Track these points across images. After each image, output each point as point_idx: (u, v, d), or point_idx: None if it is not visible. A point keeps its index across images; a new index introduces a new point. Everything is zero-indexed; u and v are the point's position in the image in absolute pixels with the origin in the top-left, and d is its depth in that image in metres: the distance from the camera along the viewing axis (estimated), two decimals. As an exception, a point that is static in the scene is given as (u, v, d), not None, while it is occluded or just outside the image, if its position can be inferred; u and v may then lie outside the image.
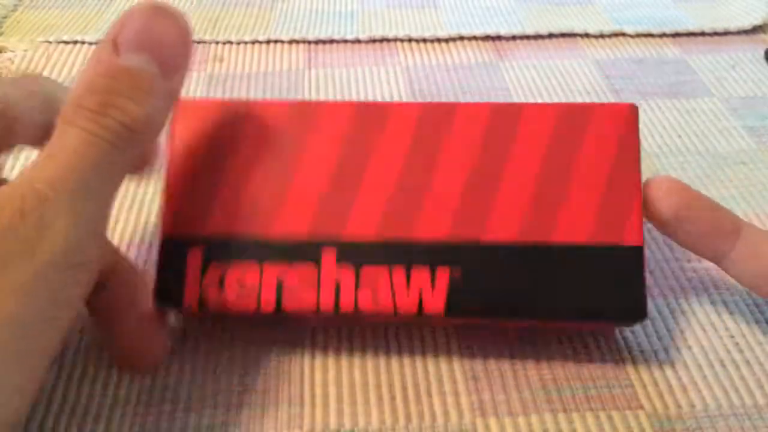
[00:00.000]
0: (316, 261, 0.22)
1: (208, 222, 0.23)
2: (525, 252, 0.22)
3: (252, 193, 0.23)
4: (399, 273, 0.22)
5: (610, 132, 0.23)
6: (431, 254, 0.22)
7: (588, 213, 0.23)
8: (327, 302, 0.22)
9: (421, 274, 0.22)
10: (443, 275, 0.22)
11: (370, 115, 0.24)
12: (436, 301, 0.22)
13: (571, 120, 0.23)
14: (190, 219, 0.23)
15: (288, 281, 0.22)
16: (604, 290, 0.22)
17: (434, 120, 0.24)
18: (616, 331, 0.25)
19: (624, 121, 0.23)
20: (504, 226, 0.22)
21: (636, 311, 0.22)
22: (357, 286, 0.22)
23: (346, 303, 0.22)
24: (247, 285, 0.22)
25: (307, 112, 0.24)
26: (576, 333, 0.25)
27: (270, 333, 0.25)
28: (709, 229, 0.23)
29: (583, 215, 0.23)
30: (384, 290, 0.22)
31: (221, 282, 0.22)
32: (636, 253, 0.22)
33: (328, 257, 0.22)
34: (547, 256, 0.22)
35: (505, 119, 0.24)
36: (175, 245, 0.22)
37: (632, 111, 0.24)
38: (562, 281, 0.22)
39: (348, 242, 0.22)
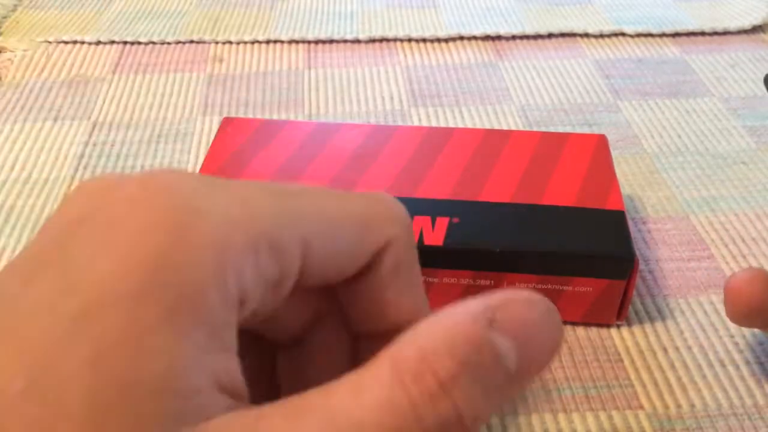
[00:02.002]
0: None
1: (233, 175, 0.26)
2: (518, 207, 0.25)
3: (274, 170, 0.27)
4: None
5: (585, 143, 0.28)
6: (432, 207, 0.25)
7: (571, 191, 0.25)
8: None
9: (422, 220, 0.24)
10: (443, 221, 0.24)
11: (379, 133, 0.28)
12: (435, 237, 0.24)
13: (553, 138, 0.28)
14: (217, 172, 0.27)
15: None
16: (592, 233, 0.24)
17: (437, 134, 0.28)
18: (616, 331, 0.25)
19: (597, 140, 0.28)
20: (498, 193, 0.25)
21: (624, 251, 0.23)
22: None
23: None
24: None
25: (326, 129, 0.28)
26: (577, 323, 0.25)
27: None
28: None
29: (567, 191, 0.25)
30: None
31: None
32: (618, 215, 0.25)
33: None
34: (538, 210, 0.25)
35: (497, 136, 0.28)
36: None
37: (602, 139, 0.28)
38: (553, 224, 0.24)
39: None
